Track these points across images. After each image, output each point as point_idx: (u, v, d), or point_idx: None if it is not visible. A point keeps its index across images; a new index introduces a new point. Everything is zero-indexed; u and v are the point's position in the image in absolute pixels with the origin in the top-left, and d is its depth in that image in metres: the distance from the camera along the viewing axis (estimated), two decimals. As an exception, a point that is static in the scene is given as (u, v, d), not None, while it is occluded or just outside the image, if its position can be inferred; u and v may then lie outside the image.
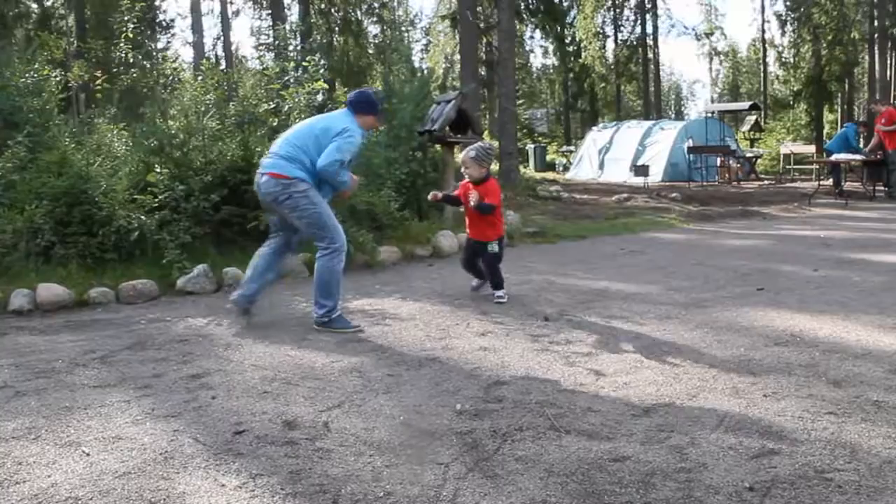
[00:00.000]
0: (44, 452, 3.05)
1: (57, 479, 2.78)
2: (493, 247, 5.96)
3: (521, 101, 33.98)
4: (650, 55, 35.42)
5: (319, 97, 9.79)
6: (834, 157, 14.93)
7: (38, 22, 24.60)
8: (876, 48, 26.91)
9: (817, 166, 18.19)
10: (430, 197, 6.45)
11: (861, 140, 15.17)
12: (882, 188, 14.87)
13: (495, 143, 14.90)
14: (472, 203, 5.80)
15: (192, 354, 4.54)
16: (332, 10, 32.61)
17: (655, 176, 18.76)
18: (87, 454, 3.01)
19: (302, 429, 3.23)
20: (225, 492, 2.65)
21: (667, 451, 2.89)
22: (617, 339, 4.63)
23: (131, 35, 12.03)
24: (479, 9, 22.86)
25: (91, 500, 2.61)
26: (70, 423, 3.38)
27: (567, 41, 35.57)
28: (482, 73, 27.20)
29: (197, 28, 19.71)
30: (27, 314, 5.88)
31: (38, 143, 7.94)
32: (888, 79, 27.62)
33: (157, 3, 26.00)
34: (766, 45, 35.25)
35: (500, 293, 5.91)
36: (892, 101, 23.57)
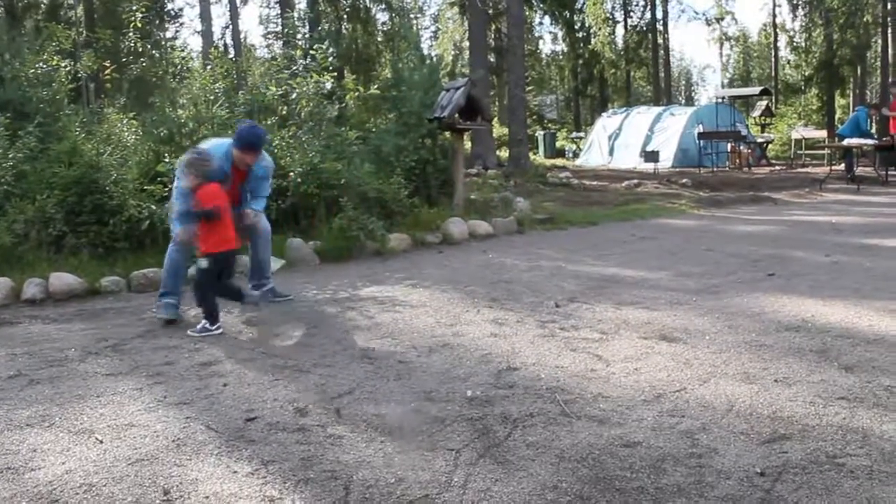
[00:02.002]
0: (58, 440, 3.07)
1: (71, 466, 2.81)
2: (202, 262, 4.97)
3: (530, 88, 33.87)
4: (660, 40, 35.19)
5: (328, 85, 9.78)
6: (846, 142, 14.81)
7: (47, 12, 24.64)
8: (889, 31, 26.61)
9: (829, 151, 18.08)
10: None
11: (872, 123, 15.02)
12: (894, 173, 14.75)
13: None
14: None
15: (202, 342, 4.55)
16: (341, -2, 32.51)
17: (665, 162, 18.67)
18: (101, 441, 3.03)
19: (313, 415, 3.24)
20: (237, 478, 2.66)
21: (677, 437, 2.89)
22: (627, 324, 4.62)
23: (140, 25, 12.04)
24: (487, -5, 22.73)
25: (105, 487, 2.63)
26: (83, 411, 3.40)
27: (576, 27, 35.39)
28: (491, 59, 27.07)
29: (205, 17, 19.64)
30: (40, 303, 5.91)
31: (49, 134, 7.98)
32: (901, 62, 27.32)
33: (165, -8, 26.03)
34: (778, 30, 34.95)
35: (201, 325, 4.81)
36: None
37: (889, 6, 25.24)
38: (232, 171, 5.27)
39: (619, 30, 37.38)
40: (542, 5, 32.05)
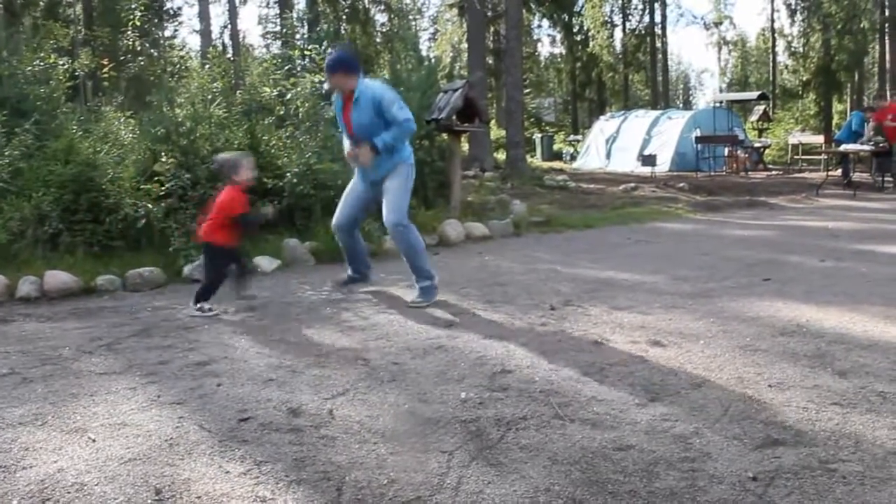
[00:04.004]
0: (50, 438, 3.06)
1: (63, 465, 2.80)
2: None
3: (528, 91, 33.91)
4: (658, 44, 35.31)
5: (326, 86, 9.77)
6: (843, 148, 14.83)
7: (45, 10, 24.61)
8: (886, 37, 26.68)
9: (826, 156, 18.11)
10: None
11: (868, 127, 15.02)
12: (890, 179, 14.77)
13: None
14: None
15: (197, 342, 4.55)
16: (340, -1, 32.53)
17: (663, 166, 18.70)
18: (93, 440, 3.03)
19: (307, 416, 3.24)
20: (230, 478, 2.66)
21: (671, 441, 2.89)
22: (622, 328, 4.63)
23: (138, 23, 12.04)
24: (486, -3, 22.75)
25: (97, 486, 2.62)
26: (76, 410, 3.40)
27: (575, 30, 35.49)
28: (489, 61, 27.11)
29: (204, 16, 19.63)
30: (34, 301, 5.91)
31: (46, 131, 7.96)
32: (898, 68, 27.39)
33: (164, -9, 26.00)
34: (776, 35, 35.07)
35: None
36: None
37: (887, 13, 25.31)
38: (342, 105, 5.57)
39: (618, 33, 37.52)
40: (540, 8, 32.11)
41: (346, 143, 5.63)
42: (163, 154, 7.72)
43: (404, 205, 5.53)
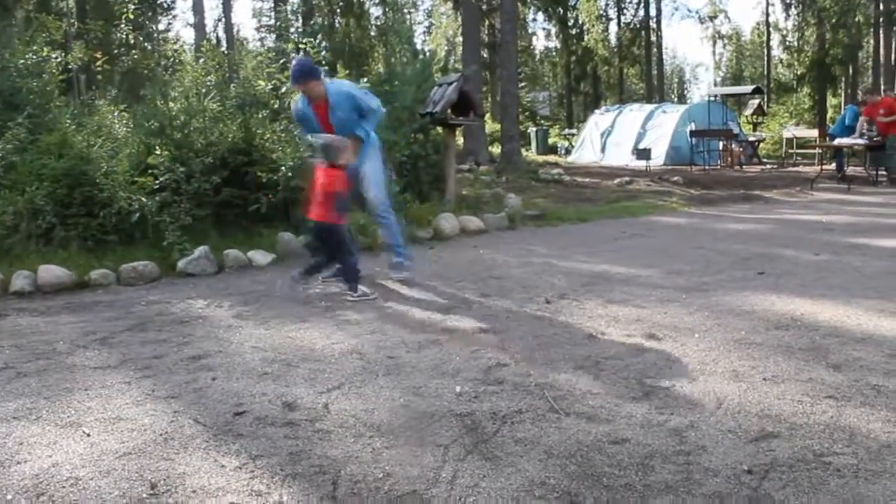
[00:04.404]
0: (45, 433, 3.06)
1: (58, 460, 2.79)
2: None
3: (523, 84, 33.86)
4: (653, 38, 35.30)
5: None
6: (837, 142, 14.86)
7: (38, 3, 24.47)
8: (881, 32, 26.75)
9: (820, 150, 18.14)
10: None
11: (860, 122, 15.03)
12: (884, 173, 14.80)
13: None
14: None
15: (192, 336, 4.54)
16: (334, -8, 32.45)
17: (657, 159, 18.72)
18: (88, 435, 3.02)
19: (302, 410, 3.24)
20: (225, 472, 2.66)
21: (666, 434, 2.89)
22: (617, 321, 4.63)
23: (132, 16, 11.98)
24: (481, -9, 22.73)
25: (91, 481, 2.62)
26: (71, 404, 3.39)
27: (570, 24, 35.47)
28: (484, 55, 27.10)
29: (198, 9, 19.58)
30: (28, 296, 5.89)
31: (39, 125, 7.93)
32: (892, 62, 27.43)
33: (157, -16, 25.86)
34: (770, 29, 35.10)
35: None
36: (895, 85, 23.47)
37: (881, 7, 25.34)
38: (314, 110, 5.83)
39: (613, 27, 37.53)
40: (535, 1, 32.12)
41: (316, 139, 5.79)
42: (157, 148, 7.68)
43: (383, 180, 6.12)
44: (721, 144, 19.33)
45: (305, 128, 6.05)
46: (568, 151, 24.59)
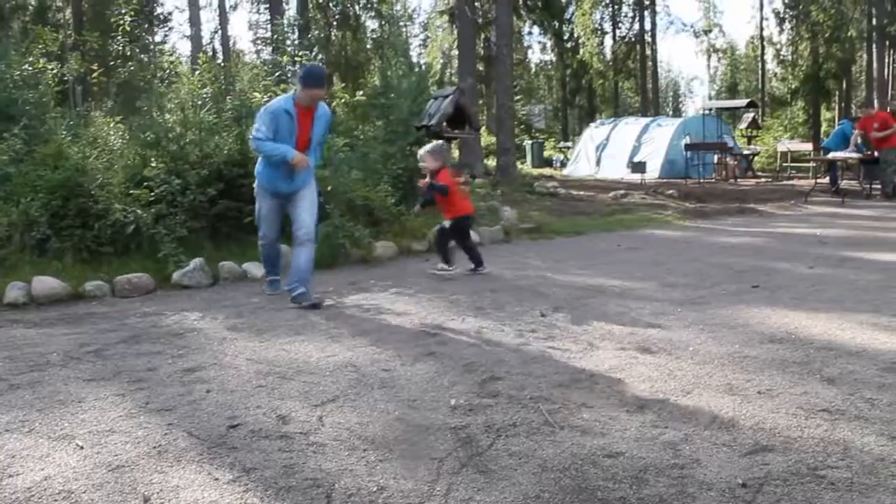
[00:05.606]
0: (37, 445, 3.04)
1: (50, 473, 2.78)
2: (445, 224, 6.99)
3: (518, 97, 33.99)
4: (648, 52, 35.44)
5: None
6: (831, 155, 14.93)
7: (34, 14, 24.56)
8: (874, 46, 26.84)
9: (814, 164, 18.20)
10: (420, 183, 7.02)
11: (853, 136, 15.13)
12: (878, 186, 14.87)
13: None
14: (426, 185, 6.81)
15: (186, 348, 4.53)
16: (331, 5, 32.52)
17: (652, 173, 18.76)
18: (81, 447, 3.01)
19: (296, 423, 3.23)
20: (219, 485, 2.65)
21: (660, 448, 2.89)
22: (612, 335, 4.63)
23: (128, 28, 12.00)
24: (477, 4, 22.83)
25: (84, 494, 2.60)
26: (64, 417, 3.38)
27: (565, 37, 35.60)
28: (480, 68, 27.16)
29: (194, 21, 19.61)
30: (22, 307, 5.87)
31: (35, 136, 7.93)
32: (885, 76, 27.59)
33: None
34: (765, 43, 35.23)
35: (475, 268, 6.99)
36: (888, 98, 23.58)
37: (874, 21, 25.49)
38: (299, 118, 5.67)
39: (608, 41, 37.65)
40: (531, 15, 32.20)
41: (290, 150, 5.63)
42: (152, 159, 7.69)
43: (318, 208, 6.05)
44: (716, 158, 19.40)
45: (275, 125, 5.61)
46: (563, 164, 24.65)
